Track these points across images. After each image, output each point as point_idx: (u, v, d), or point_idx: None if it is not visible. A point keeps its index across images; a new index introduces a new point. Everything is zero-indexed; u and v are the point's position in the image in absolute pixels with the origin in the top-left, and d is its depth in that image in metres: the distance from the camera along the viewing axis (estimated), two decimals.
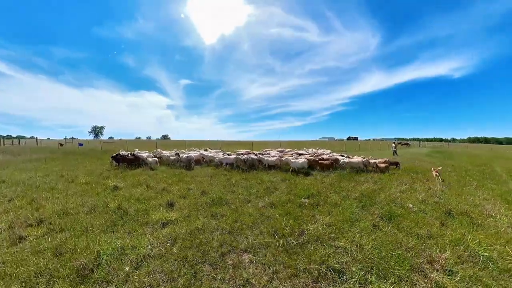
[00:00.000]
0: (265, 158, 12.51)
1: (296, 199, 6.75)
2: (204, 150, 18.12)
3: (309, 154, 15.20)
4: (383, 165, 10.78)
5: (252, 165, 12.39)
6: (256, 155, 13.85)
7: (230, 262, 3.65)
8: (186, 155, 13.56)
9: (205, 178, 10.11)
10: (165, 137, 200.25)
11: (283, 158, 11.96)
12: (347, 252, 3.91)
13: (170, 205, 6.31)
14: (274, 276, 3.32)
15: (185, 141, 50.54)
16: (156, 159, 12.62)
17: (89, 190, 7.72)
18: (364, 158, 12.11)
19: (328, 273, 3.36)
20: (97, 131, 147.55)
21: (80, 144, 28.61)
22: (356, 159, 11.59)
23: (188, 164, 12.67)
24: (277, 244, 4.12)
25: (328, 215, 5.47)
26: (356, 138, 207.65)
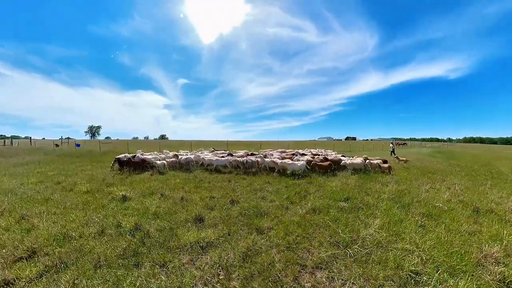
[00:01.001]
0: (267, 160, 11.59)
1: (335, 203, 6.41)
2: (211, 151, 16.89)
3: (308, 155, 14.25)
4: (385, 165, 10.75)
5: (251, 167, 11.67)
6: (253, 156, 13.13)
7: (308, 284, 3.17)
8: (185, 157, 12.75)
9: (224, 183, 9.15)
10: (163, 137, 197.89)
11: (279, 162, 10.69)
12: (412, 254, 3.86)
13: (199, 220, 5.22)
14: None
15: (190, 141, 49.04)
16: (164, 162, 11.35)
17: (92, 202, 6.43)
18: (367, 159, 12.05)
19: (409, 277, 3.30)
20: (93, 131, 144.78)
21: (77, 145, 27.06)
22: (357, 159, 11.16)
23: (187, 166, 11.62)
24: (345, 254, 3.89)
25: (376, 218, 5.29)
26: (354, 138, 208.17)
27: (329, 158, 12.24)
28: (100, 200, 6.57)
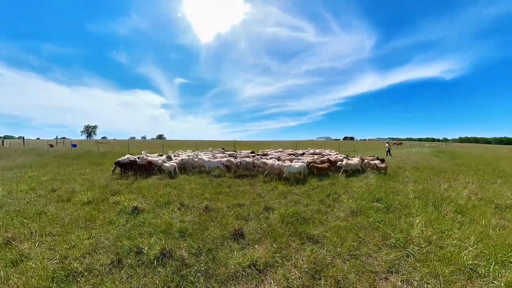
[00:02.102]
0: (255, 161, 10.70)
1: (369, 204, 6.28)
2: (220, 151, 15.70)
3: (305, 156, 13.35)
4: (383, 165, 10.74)
5: (246, 169, 10.90)
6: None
7: None
8: (180, 158, 11.61)
9: (246, 187, 8.28)
10: (160, 136, 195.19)
11: (276, 164, 9.60)
12: (465, 249, 3.91)
13: (239, 235, 4.39)
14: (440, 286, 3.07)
15: (196, 141, 47.48)
16: (174, 164, 10.15)
17: (96, 216, 5.23)
18: (364, 159, 11.86)
19: (471, 271, 3.37)
20: (90, 130, 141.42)
21: (74, 145, 25.48)
22: (354, 160, 10.88)
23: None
24: (405, 255, 3.86)
25: (415, 217, 5.31)
26: (352, 138, 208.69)
27: (332, 159, 11.53)
28: (106, 214, 5.37)
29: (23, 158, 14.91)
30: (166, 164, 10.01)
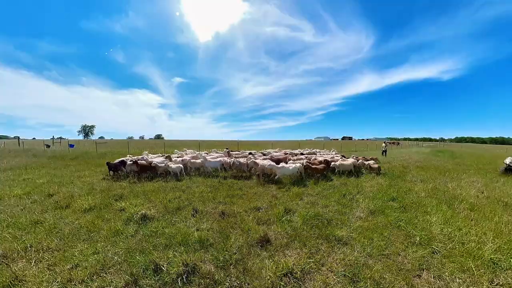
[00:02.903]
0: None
1: (385, 204, 6.35)
2: (226, 151, 15.08)
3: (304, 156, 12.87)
4: (375, 165, 10.71)
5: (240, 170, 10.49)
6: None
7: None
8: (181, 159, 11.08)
9: (259, 188, 7.86)
10: (158, 136, 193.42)
11: (267, 165, 9.12)
12: (485, 244, 4.03)
13: (266, 241, 4.04)
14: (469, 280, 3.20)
15: (198, 141, 46.57)
16: (180, 165, 9.54)
17: (101, 226, 4.63)
18: (359, 159, 11.83)
19: (494, 265, 3.48)
20: (87, 130, 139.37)
21: (71, 145, 24.59)
22: (348, 161, 10.82)
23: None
24: (432, 252, 3.90)
25: (431, 215, 5.44)
26: (350, 138, 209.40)
27: (328, 160, 11.12)
28: (111, 223, 4.76)
29: (17, 159, 14.13)
30: (172, 166, 9.40)
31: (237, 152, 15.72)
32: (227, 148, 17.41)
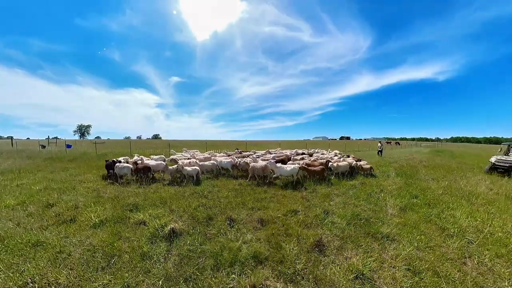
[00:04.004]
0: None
1: (410, 201, 6.56)
2: (237, 152, 14.11)
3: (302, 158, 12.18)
4: (367, 166, 10.53)
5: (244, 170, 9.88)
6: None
7: (474, 273, 3.36)
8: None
9: (284, 191, 7.35)
10: (156, 136, 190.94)
11: (258, 166, 8.75)
12: (510, 234, 4.50)
13: (321, 245, 3.89)
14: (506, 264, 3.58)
15: (206, 141, 45.17)
16: (197, 168, 8.52)
17: (120, 247, 3.62)
18: (357, 160, 11.62)
19: None
20: (83, 130, 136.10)
21: (68, 146, 23.22)
22: (344, 162, 10.57)
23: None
24: (468, 242, 4.23)
25: (455, 210, 5.76)
26: (348, 138, 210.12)
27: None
28: (133, 242, 3.78)
29: (10, 162, 12.87)
30: (188, 169, 8.38)
31: (249, 153, 14.84)
32: (237, 149, 16.47)
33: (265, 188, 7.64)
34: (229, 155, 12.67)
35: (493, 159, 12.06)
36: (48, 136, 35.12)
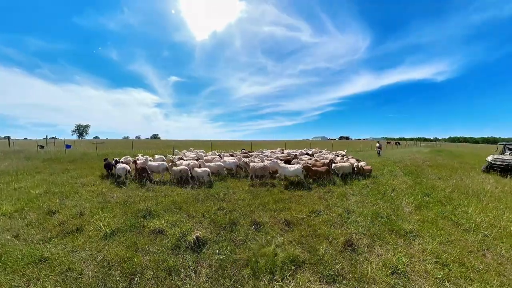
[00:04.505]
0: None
1: (422, 199, 6.72)
2: (243, 153, 13.60)
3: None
4: (368, 167, 10.22)
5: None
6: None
7: (493, 262, 3.61)
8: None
9: (300, 191, 7.11)
10: (155, 136, 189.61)
11: (258, 166, 8.56)
12: None
13: (352, 245, 3.88)
14: None
15: (210, 141, 44.41)
16: (207, 170, 7.98)
17: (141, 261, 3.10)
18: (359, 161, 11.38)
19: None
20: (81, 130, 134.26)
21: (68, 146, 22.48)
22: (346, 163, 10.24)
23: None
24: (484, 236, 4.49)
25: (467, 207, 6.00)
26: (347, 138, 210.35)
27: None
28: (153, 255, 3.26)
29: (7, 163, 12.21)
30: (198, 170, 7.85)
31: (256, 153, 14.36)
32: (243, 149, 15.97)
33: (281, 188, 7.33)
34: (231, 155, 12.26)
35: (489, 158, 12.30)
36: (46, 136, 34.20)
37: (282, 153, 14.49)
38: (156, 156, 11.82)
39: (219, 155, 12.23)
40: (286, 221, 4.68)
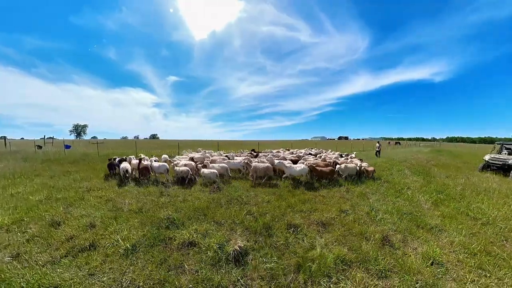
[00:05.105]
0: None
1: (436, 196, 6.91)
2: (250, 153, 12.96)
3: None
4: (370, 168, 9.95)
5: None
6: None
7: None
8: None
9: (323, 191, 6.98)
10: (154, 136, 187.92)
11: (261, 166, 8.19)
12: None
13: (389, 240, 4.02)
14: None
15: (218, 141, 43.62)
16: (215, 171, 7.37)
17: (182, 284, 2.48)
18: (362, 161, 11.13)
19: None
20: (79, 130, 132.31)
21: (67, 146, 21.49)
22: (351, 163, 9.93)
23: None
24: (500, 228, 4.83)
25: (480, 203, 6.34)
26: (346, 138, 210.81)
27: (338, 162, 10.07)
28: (194, 273, 2.65)
29: (2, 165, 11.38)
30: (205, 171, 7.32)
31: (263, 154, 13.90)
32: (253, 150, 15.34)
33: (302, 189, 7.01)
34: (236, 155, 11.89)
35: (487, 157, 12.68)
36: (44, 135, 33.03)
37: (292, 153, 14.03)
38: (164, 156, 11.21)
39: (226, 156, 11.70)
40: (320, 222, 4.66)
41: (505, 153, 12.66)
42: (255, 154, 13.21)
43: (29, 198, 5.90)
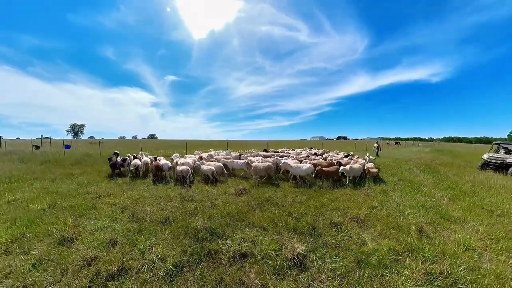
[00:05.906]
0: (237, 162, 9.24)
1: (450, 192, 7.09)
2: (258, 153, 12.22)
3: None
4: (374, 170, 9.75)
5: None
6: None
7: None
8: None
9: (345, 189, 7.11)
10: (152, 136, 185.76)
11: (261, 166, 8.24)
12: None
13: (423, 231, 4.32)
14: None
15: (227, 141, 42.63)
16: (212, 168, 7.57)
17: None
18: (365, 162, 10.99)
19: None
20: (76, 130, 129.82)
21: (67, 146, 20.33)
22: (357, 164, 9.74)
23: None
24: None
25: (492, 197, 6.69)
26: (345, 138, 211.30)
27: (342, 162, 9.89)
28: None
29: None
30: (204, 167, 7.63)
31: (271, 152, 13.42)
32: (265, 150, 14.64)
33: (327, 189, 7.11)
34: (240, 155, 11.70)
35: (485, 156, 13.12)
36: (41, 135, 31.68)
37: (300, 153, 13.84)
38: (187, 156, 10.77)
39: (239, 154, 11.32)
40: (358, 218, 4.75)
41: (502, 152, 13.24)
42: (268, 154, 12.56)
43: (30, 207, 5.03)
